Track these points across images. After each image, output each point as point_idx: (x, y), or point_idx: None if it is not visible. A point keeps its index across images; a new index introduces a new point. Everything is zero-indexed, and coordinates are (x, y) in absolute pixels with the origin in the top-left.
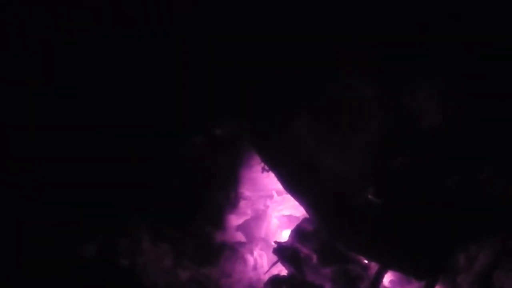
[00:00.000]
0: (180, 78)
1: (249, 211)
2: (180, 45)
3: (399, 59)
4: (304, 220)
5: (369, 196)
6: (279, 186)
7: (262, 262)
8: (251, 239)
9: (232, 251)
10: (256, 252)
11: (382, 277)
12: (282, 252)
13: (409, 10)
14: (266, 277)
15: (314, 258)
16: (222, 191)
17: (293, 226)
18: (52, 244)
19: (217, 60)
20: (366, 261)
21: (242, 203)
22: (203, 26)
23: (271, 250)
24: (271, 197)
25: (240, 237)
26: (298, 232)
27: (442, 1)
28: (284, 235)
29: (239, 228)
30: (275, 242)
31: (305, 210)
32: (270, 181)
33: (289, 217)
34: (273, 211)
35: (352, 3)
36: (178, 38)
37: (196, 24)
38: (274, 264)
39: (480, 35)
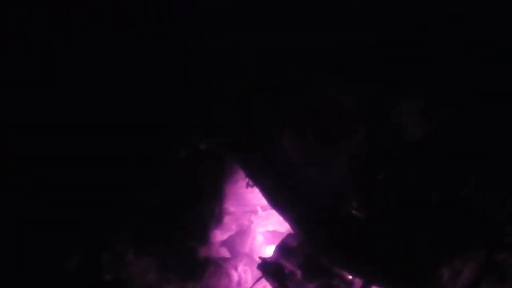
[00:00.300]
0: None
1: (233, 227)
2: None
3: (383, 72)
4: (289, 235)
5: (353, 212)
6: (263, 201)
7: (247, 277)
8: (236, 255)
9: (216, 267)
10: (240, 268)
11: None
12: (267, 267)
13: (396, 19)
14: None
15: (299, 273)
16: (206, 206)
17: (277, 241)
18: (34, 256)
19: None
20: (350, 277)
21: (227, 219)
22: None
23: (256, 265)
24: (255, 212)
25: (224, 252)
26: (283, 248)
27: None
28: (269, 251)
29: (224, 243)
30: (260, 257)
31: (289, 225)
32: (255, 197)
33: (274, 232)
34: (257, 226)
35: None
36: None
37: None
38: (259, 279)
39: (466, 50)
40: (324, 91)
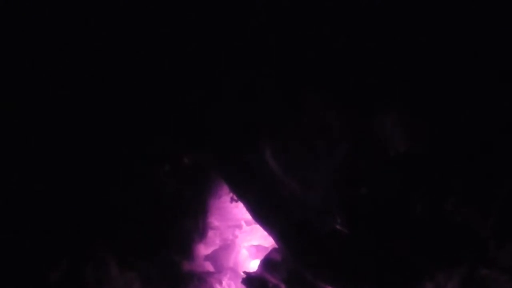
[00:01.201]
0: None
1: (217, 241)
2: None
3: (367, 84)
4: (273, 250)
5: (337, 226)
6: (248, 216)
7: None
8: (220, 269)
9: (200, 281)
10: (224, 282)
11: None
12: (251, 282)
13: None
14: None
15: (283, 287)
16: (191, 221)
17: (262, 256)
18: (17, 270)
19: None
20: None
21: (211, 233)
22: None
23: (240, 280)
24: (240, 227)
25: (208, 266)
26: (267, 262)
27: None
28: (253, 265)
29: (208, 257)
30: (244, 272)
31: (273, 239)
32: (239, 211)
33: (258, 247)
34: (242, 241)
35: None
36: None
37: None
38: None
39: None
40: (306, 104)
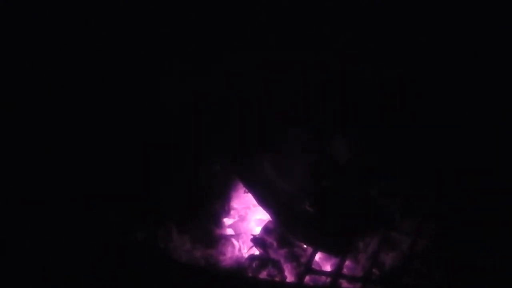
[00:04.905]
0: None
1: (236, 216)
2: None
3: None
4: (269, 222)
5: (307, 207)
6: (254, 201)
7: (244, 246)
8: (237, 233)
9: (225, 240)
10: (240, 241)
11: (314, 255)
12: (256, 240)
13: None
14: (246, 256)
15: (275, 244)
16: (220, 204)
17: (262, 225)
18: (119, 233)
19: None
20: (305, 246)
21: (232, 211)
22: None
23: (249, 239)
24: (249, 208)
25: (230, 232)
26: (265, 229)
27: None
28: (257, 230)
29: (230, 226)
30: (252, 234)
31: (269, 215)
32: (249, 198)
33: (260, 220)
34: (251, 216)
35: None
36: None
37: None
38: (251, 248)
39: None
40: (292, 137)
